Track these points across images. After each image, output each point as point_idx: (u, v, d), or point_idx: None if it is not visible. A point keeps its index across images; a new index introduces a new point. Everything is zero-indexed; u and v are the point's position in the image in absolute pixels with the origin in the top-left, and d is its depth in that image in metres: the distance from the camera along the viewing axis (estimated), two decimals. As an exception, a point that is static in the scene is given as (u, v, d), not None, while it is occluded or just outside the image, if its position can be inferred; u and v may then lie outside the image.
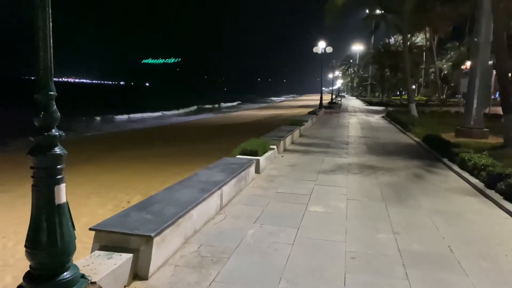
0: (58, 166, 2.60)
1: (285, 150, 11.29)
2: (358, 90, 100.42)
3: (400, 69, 46.11)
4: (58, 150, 2.60)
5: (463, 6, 32.14)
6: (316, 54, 31.85)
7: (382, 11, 40.02)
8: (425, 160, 10.20)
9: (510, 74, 13.21)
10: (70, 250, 2.68)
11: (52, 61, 2.55)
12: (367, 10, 47.54)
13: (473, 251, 4.33)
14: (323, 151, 11.33)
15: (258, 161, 8.01)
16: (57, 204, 2.61)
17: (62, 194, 2.65)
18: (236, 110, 52.49)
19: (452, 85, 57.82)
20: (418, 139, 13.71)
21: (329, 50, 31.68)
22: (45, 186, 2.57)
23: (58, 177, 2.61)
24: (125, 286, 3.37)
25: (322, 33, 33.70)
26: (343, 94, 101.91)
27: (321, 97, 34.31)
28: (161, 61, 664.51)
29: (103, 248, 3.57)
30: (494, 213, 5.84)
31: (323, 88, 38.52)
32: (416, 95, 53.54)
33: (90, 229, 3.69)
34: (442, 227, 5.09)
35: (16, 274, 4.56)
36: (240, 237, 4.55)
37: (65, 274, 2.64)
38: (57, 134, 2.59)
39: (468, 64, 29.67)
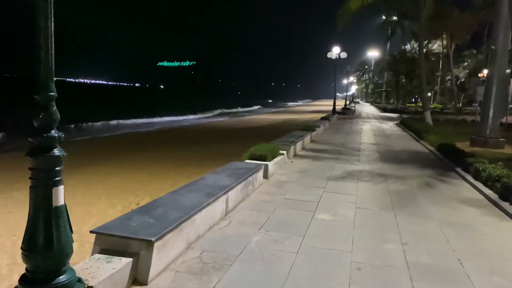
0: (56, 168, 2.57)
1: (295, 155, 11.19)
2: (372, 96, 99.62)
3: (415, 76, 45.59)
4: (57, 152, 2.57)
5: (481, 13, 31.73)
6: (330, 59, 31.73)
7: (399, 18, 39.77)
8: (438, 169, 9.99)
9: None
10: (67, 253, 2.64)
11: (53, 61, 2.52)
12: (384, 16, 47.30)
13: (484, 266, 4.18)
14: (334, 158, 11.19)
15: (266, 166, 7.93)
16: (54, 206, 2.58)
17: (60, 196, 2.62)
18: (250, 114, 52.48)
19: (469, 93, 57.00)
20: (432, 148, 13.46)
21: (343, 55, 31.53)
22: (43, 188, 2.54)
23: (57, 179, 2.58)
24: (123, 291, 3.32)
25: (337, 38, 33.60)
26: (358, 100, 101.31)
27: (334, 102, 34.12)
28: (176, 64, 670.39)
29: (104, 251, 3.53)
30: (507, 226, 5.65)
31: (337, 93, 38.28)
32: (431, 103, 52.99)
33: (91, 231, 3.66)
34: (453, 239, 4.94)
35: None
36: (244, 243, 4.48)
37: (61, 277, 2.60)
38: (56, 135, 2.56)
39: (485, 72, 29.16)
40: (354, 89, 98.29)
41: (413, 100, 62.68)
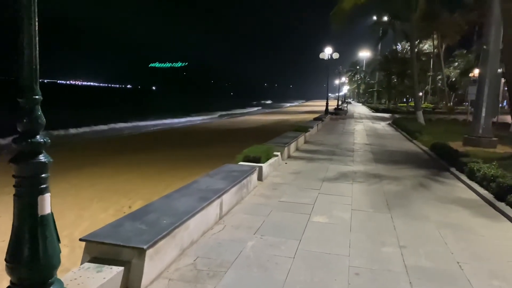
0: (42, 175, 2.44)
1: (289, 157, 11.10)
2: (364, 96, 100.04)
3: (407, 76, 45.83)
4: (42, 158, 2.44)
5: (471, 14, 31.97)
6: (322, 60, 31.72)
7: (390, 18, 39.94)
8: (432, 169, 9.96)
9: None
10: (53, 264, 2.51)
11: (37, 62, 2.39)
12: (375, 17, 47.50)
13: (483, 268, 4.11)
14: (328, 159, 11.12)
15: (261, 168, 7.83)
16: (40, 215, 2.45)
17: (46, 204, 2.48)
18: (242, 115, 52.35)
19: (459, 92, 57.44)
20: (425, 148, 13.46)
21: (335, 56, 31.52)
22: (27, 196, 2.41)
23: (42, 186, 2.44)
24: (114, 301, 3.19)
25: (329, 39, 33.63)
26: (350, 100, 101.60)
27: (327, 103, 34.12)
28: (168, 65, 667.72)
29: (94, 260, 3.40)
30: (504, 227, 5.60)
31: (329, 94, 38.30)
32: (423, 102, 53.19)
33: (81, 239, 3.53)
34: (450, 241, 4.87)
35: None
36: (239, 249, 4.36)
37: (48, 290, 2.47)
38: (42, 140, 2.43)
39: (476, 72, 29.37)
40: (346, 89, 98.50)
41: (404, 100, 62.94)
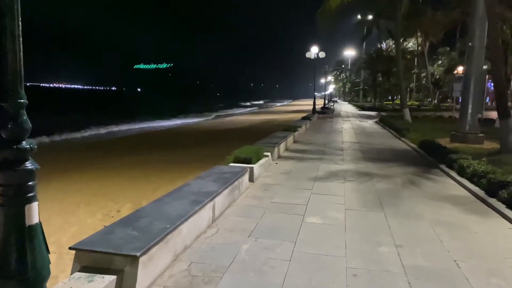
0: (29, 183, 2.31)
1: (279, 157, 11.03)
2: (350, 95, 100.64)
3: (392, 74, 46.25)
4: (29, 165, 2.31)
5: (454, 11, 32.40)
6: (309, 59, 31.80)
7: (374, 17, 40.27)
8: (422, 166, 9.99)
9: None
10: (43, 276, 2.39)
11: (22, 65, 2.27)
12: (359, 16, 47.81)
13: (480, 266, 4.09)
14: (318, 158, 11.09)
15: (252, 169, 7.74)
16: (28, 225, 2.32)
17: (34, 214, 2.36)
18: (230, 115, 52.19)
19: (444, 89, 58.22)
20: (414, 145, 13.52)
21: (321, 55, 31.64)
22: (14, 206, 2.28)
23: (30, 195, 2.32)
24: (107, 312, 3.07)
25: (315, 38, 33.74)
26: (336, 99, 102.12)
27: (314, 102, 34.20)
28: (153, 66, 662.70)
29: (84, 269, 3.26)
30: (497, 223, 5.61)
31: (316, 93, 38.42)
32: (408, 100, 53.76)
33: (70, 248, 3.39)
34: (446, 239, 4.85)
35: None
36: (233, 253, 4.27)
37: (37, 304, 2.34)
38: (27, 146, 2.30)
39: (460, 69, 29.77)
40: (332, 88, 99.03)
41: (389, 98, 63.55)
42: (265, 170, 8.84)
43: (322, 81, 66.65)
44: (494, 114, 20.13)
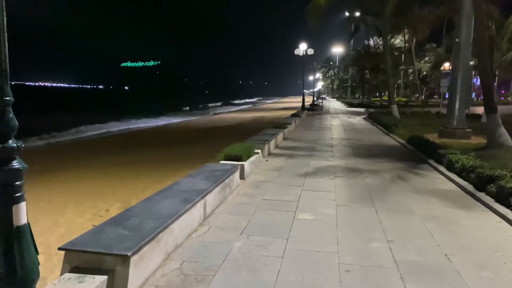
0: (16, 183, 2.24)
1: (269, 154, 11.02)
2: (338, 92, 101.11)
3: (380, 70, 46.54)
4: (16, 164, 2.25)
5: (441, 8, 32.66)
6: (297, 56, 31.84)
7: (362, 14, 40.46)
8: (411, 162, 10.06)
9: None
10: (32, 278, 2.33)
11: (7, 61, 2.20)
12: (347, 13, 48.00)
13: (471, 260, 4.12)
14: (308, 154, 11.10)
15: (242, 166, 7.70)
16: (16, 226, 2.25)
17: (23, 214, 2.29)
18: (219, 113, 52.02)
19: (431, 85, 58.80)
20: (402, 141, 13.62)
21: (310, 52, 31.70)
22: (1, 206, 2.21)
23: (17, 195, 2.25)
24: (99, 313, 3.01)
25: (304, 35, 33.75)
26: (324, 96, 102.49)
27: (303, 99, 34.27)
28: (140, 64, 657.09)
29: (75, 269, 3.21)
30: (486, 217, 5.67)
31: (304, 90, 38.49)
32: (395, 96, 54.18)
33: (60, 248, 3.32)
34: (437, 234, 4.88)
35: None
36: (226, 251, 4.24)
37: (26, 306, 2.29)
38: (14, 145, 2.23)
39: (446, 65, 30.05)
40: (320, 85, 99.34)
41: (377, 94, 64.00)
42: (256, 167, 8.81)
43: (311, 78, 66.86)
44: (480, 110, 20.44)
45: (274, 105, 75.45)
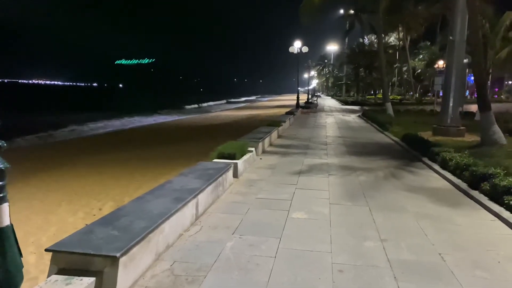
0: (-2, 183, 2.18)
1: (263, 152, 10.96)
2: (333, 89, 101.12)
3: (374, 68, 46.60)
4: (-2, 164, 2.17)
5: (435, 6, 32.73)
6: (292, 54, 31.77)
7: (356, 11, 40.47)
8: (405, 160, 10.05)
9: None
10: (16, 282, 2.26)
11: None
12: (342, 11, 48.02)
13: (465, 259, 4.09)
14: (302, 152, 11.06)
15: (236, 165, 7.64)
16: (-2, 228, 2.19)
17: (5, 216, 2.22)
18: (214, 111, 51.87)
19: (425, 83, 59.00)
20: (396, 139, 13.62)
21: (305, 49, 31.65)
22: (-18, 208, 2.14)
23: (-1, 195, 2.18)
24: (86, 316, 2.95)
25: (298, 33, 33.72)
26: (319, 93, 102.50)
27: (297, 97, 34.22)
28: (134, 61, 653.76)
29: (62, 271, 3.14)
30: (480, 215, 5.66)
31: (299, 88, 38.44)
32: (390, 94, 54.30)
33: (47, 250, 3.24)
34: (430, 232, 4.85)
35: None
36: (218, 251, 4.18)
37: (10, 311, 2.22)
38: (-5, 144, 2.17)
39: (440, 63, 30.14)
40: (315, 83, 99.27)
41: (372, 92, 64.11)
42: (249, 165, 8.76)
43: (306, 76, 66.88)
44: (474, 107, 20.47)
45: (269, 103, 75.43)
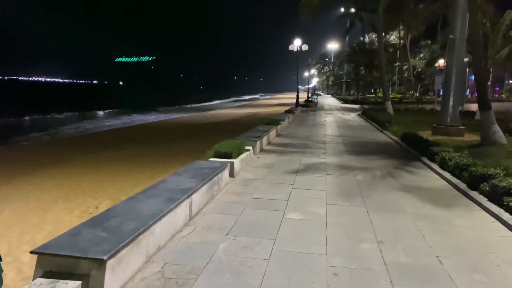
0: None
1: (261, 150, 10.87)
2: (333, 88, 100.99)
3: (375, 67, 46.44)
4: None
5: (435, 4, 32.60)
6: (292, 52, 31.66)
7: (357, 10, 40.31)
8: (404, 159, 9.95)
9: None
10: (-6, 287, 2.18)
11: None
12: (342, 9, 47.84)
13: (463, 262, 4.00)
14: (301, 152, 10.96)
15: (232, 164, 7.55)
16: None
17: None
18: (213, 109, 51.75)
19: (425, 82, 58.86)
20: (396, 138, 13.52)
21: (304, 48, 31.53)
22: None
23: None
24: (71, 321, 2.86)
25: (298, 31, 33.61)
26: (319, 92, 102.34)
27: (297, 95, 34.12)
28: (135, 59, 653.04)
29: (47, 274, 3.05)
30: (479, 216, 5.56)
31: (299, 86, 38.33)
32: (390, 93, 54.17)
33: (32, 252, 3.15)
34: (428, 234, 4.76)
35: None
36: (210, 252, 4.09)
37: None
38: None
39: (441, 62, 29.99)
40: (315, 81, 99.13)
41: (372, 90, 63.98)
42: (246, 164, 8.66)
43: (306, 74, 66.71)
44: (474, 107, 20.37)
45: (269, 101, 75.21)
